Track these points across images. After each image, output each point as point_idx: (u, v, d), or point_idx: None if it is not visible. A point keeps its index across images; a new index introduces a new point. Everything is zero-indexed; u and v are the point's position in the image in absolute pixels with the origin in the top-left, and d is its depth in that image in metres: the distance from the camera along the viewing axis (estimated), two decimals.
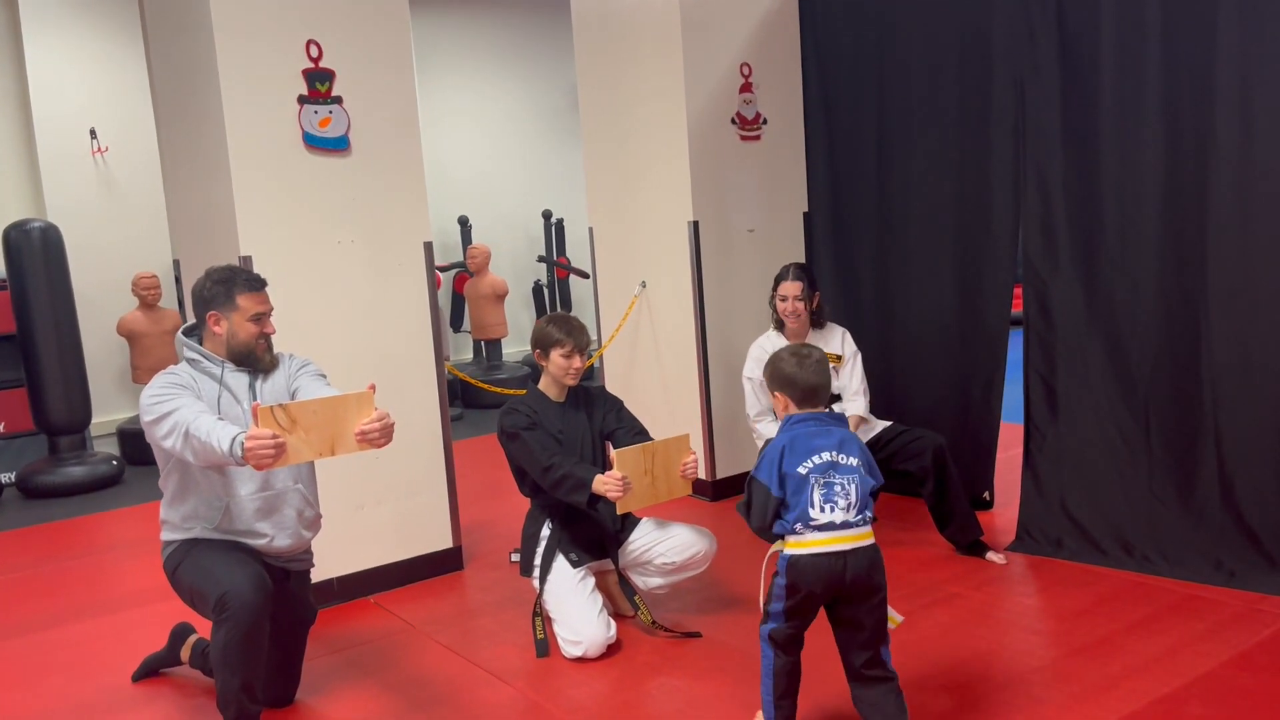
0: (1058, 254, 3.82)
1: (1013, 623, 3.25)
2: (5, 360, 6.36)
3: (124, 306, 7.14)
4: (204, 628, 2.95)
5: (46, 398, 6.03)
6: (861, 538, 2.47)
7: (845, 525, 2.45)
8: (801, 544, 2.45)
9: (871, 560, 2.48)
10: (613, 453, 3.10)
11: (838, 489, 2.45)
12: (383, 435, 2.57)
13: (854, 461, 2.49)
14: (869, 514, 2.51)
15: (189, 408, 2.61)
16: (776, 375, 2.62)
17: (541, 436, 3.28)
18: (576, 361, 3.35)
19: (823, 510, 2.44)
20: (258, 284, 2.87)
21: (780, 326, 4.09)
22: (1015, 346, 4.06)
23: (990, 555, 3.78)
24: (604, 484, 3.09)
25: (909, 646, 3.10)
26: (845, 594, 2.45)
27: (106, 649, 3.52)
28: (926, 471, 3.79)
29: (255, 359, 2.86)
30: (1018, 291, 4.16)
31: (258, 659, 2.63)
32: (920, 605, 3.42)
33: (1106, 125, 3.64)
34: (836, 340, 4.09)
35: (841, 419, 2.60)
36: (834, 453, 2.48)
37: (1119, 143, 3.62)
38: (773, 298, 4.06)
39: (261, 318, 2.86)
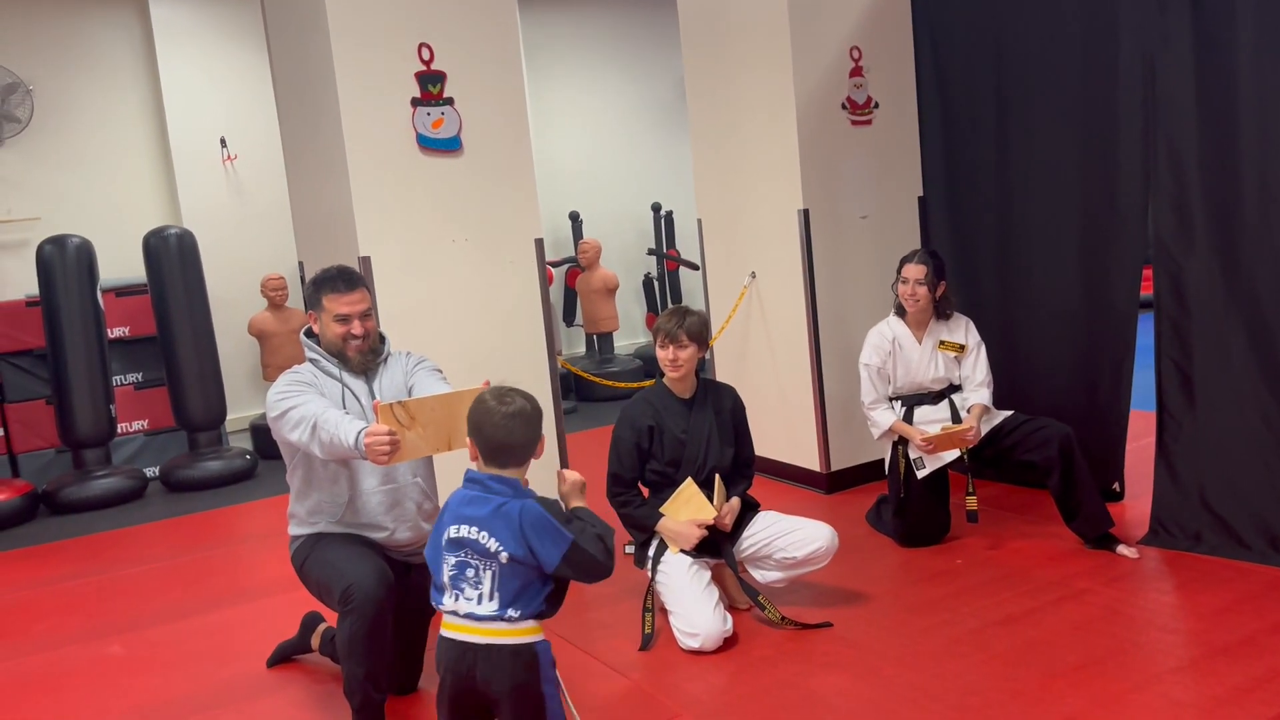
0: (1193, 234, 3.62)
1: (1148, 621, 3.11)
2: (148, 360, 6.71)
3: (254, 307, 7.45)
4: (332, 617, 3.06)
5: (185, 396, 6.34)
6: (496, 634, 2.10)
7: (471, 617, 2.12)
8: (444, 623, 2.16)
9: (505, 666, 2.08)
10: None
11: (469, 573, 2.11)
12: None
13: (494, 545, 2.10)
14: (515, 611, 2.11)
15: (315, 402, 2.71)
16: (470, 418, 2.24)
17: (629, 458, 3.33)
18: (669, 352, 3.29)
19: (453, 597, 2.14)
20: (344, 286, 2.89)
21: (901, 313, 3.98)
22: (1143, 331, 3.88)
23: (1121, 549, 3.62)
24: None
25: (1035, 645, 2.99)
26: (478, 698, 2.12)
27: (243, 636, 3.69)
28: (1052, 462, 3.65)
29: (346, 359, 2.93)
30: (1146, 273, 3.97)
31: (381, 649, 2.71)
32: (1047, 601, 3.30)
33: (1245, 97, 3.43)
34: (961, 330, 3.97)
35: (512, 484, 2.23)
36: (476, 530, 2.12)
37: (1259, 115, 3.40)
38: (896, 281, 3.97)
39: (347, 319, 2.89)
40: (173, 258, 6.30)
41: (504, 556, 2.10)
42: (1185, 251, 3.65)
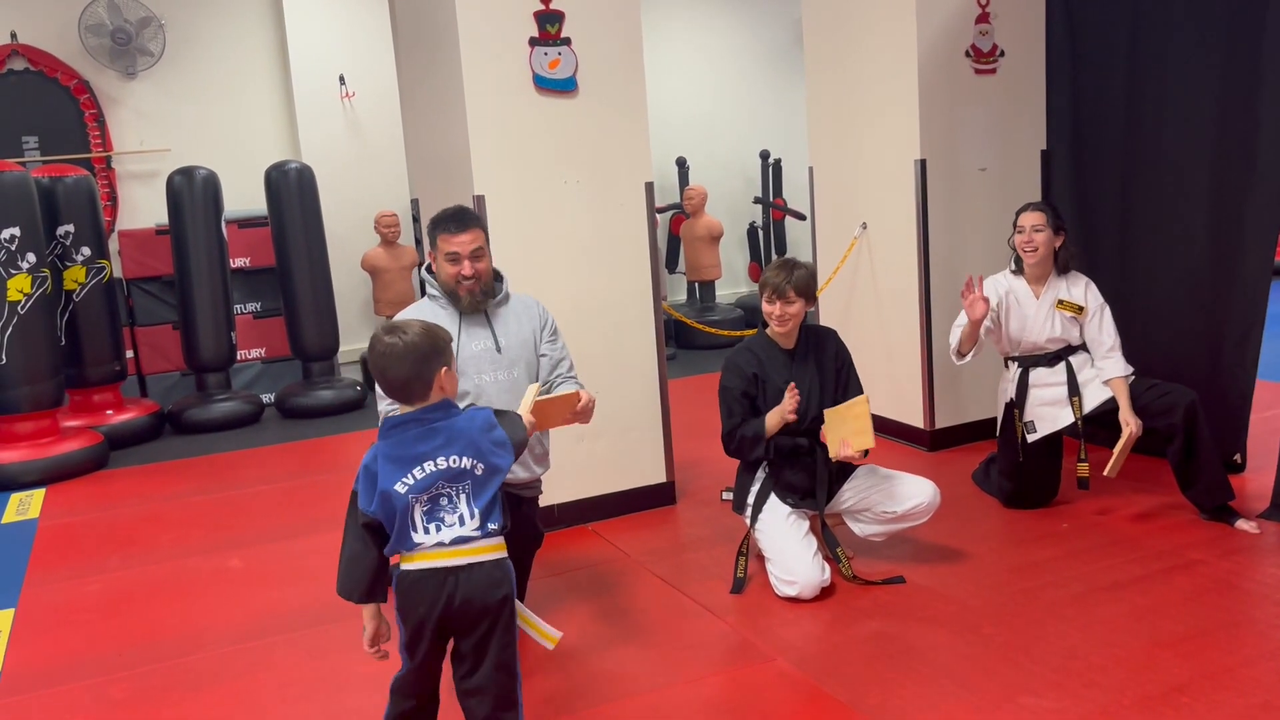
0: None
1: (1263, 596, 3.01)
2: (267, 291, 6.96)
3: (367, 243, 7.64)
4: None
5: (301, 326, 6.57)
6: (481, 551, 2.14)
7: (458, 541, 2.13)
8: (411, 558, 2.15)
9: (489, 579, 2.14)
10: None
11: (444, 502, 2.13)
12: (585, 415, 2.79)
13: (467, 463, 2.13)
14: (493, 524, 2.17)
15: None
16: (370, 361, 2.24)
17: (738, 405, 3.28)
18: (777, 308, 3.25)
19: (427, 532, 2.13)
20: (455, 226, 2.93)
21: (1019, 268, 3.86)
22: (1273, 300, 3.70)
23: (1240, 523, 3.50)
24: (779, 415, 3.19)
25: (1142, 613, 2.93)
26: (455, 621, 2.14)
27: None
28: (1175, 429, 3.53)
29: (457, 299, 3.00)
30: None
31: None
32: (1156, 570, 3.22)
33: None
34: (1081, 290, 3.81)
35: (442, 405, 2.19)
36: (442, 459, 2.13)
37: None
38: (1013, 234, 3.84)
39: (458, 258, 2.94)
40: (292, 192, 6.49)
41: (479, 469, 2.15)
42: None
